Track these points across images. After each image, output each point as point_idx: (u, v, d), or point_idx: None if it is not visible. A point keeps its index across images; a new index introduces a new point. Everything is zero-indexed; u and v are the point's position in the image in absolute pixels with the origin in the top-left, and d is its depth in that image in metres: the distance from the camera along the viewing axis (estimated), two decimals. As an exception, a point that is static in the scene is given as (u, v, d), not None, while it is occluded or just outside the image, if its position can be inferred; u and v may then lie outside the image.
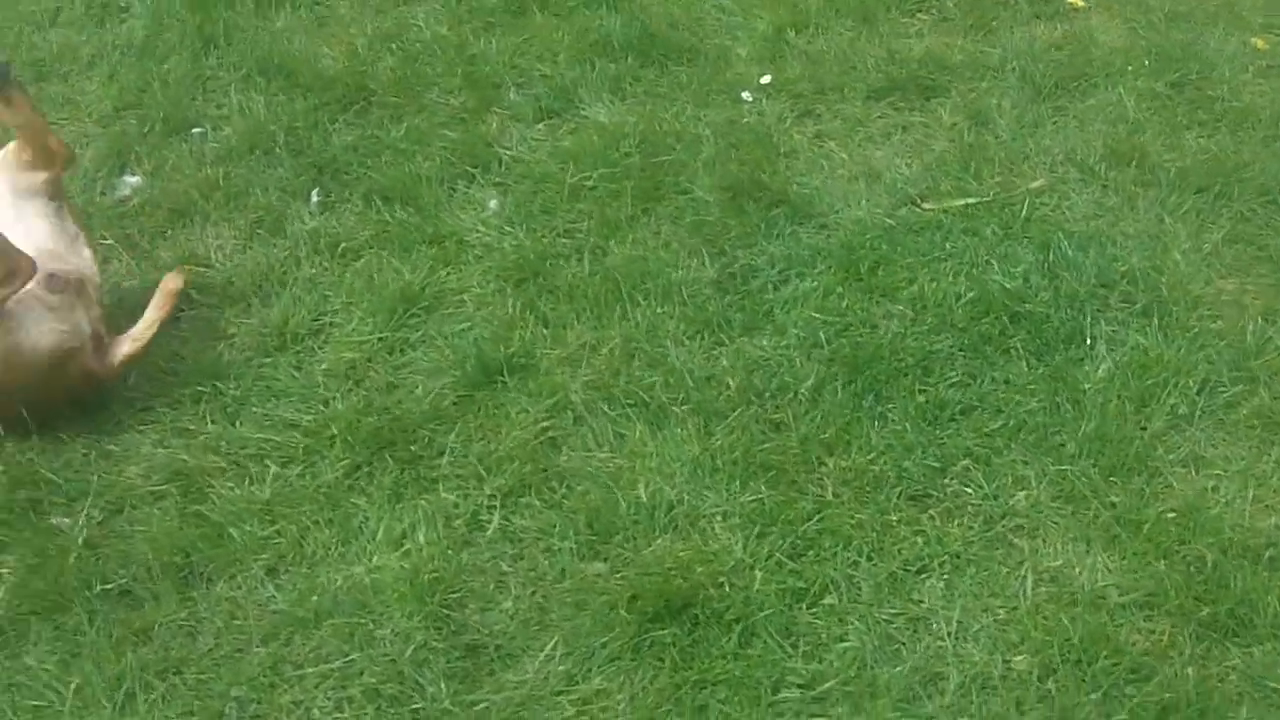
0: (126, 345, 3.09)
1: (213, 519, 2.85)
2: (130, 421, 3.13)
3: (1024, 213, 3.66)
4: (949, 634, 2.64)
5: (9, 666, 2.58)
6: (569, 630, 2.64)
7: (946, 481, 2.94)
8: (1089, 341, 3.25)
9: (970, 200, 3.73)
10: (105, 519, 2.89)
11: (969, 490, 2.92)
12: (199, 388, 3.19)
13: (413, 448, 3.02)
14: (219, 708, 2.51)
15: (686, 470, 2.95)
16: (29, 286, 2.95)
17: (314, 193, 3.81)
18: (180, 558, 2.77)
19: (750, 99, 4.18)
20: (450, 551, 2.79)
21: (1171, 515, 2.85)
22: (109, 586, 2.72)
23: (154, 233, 3.67)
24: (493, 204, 3.80)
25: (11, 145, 3.26)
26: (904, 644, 2.64)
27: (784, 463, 2.97)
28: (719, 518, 2.86)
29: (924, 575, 2.76)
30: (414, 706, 2.51)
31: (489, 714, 2.50)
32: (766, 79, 4.25)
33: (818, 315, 3.36)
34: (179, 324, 3.42)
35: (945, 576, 2.75)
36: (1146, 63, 4.21)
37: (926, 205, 3.74)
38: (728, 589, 2.71)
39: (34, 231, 3.10)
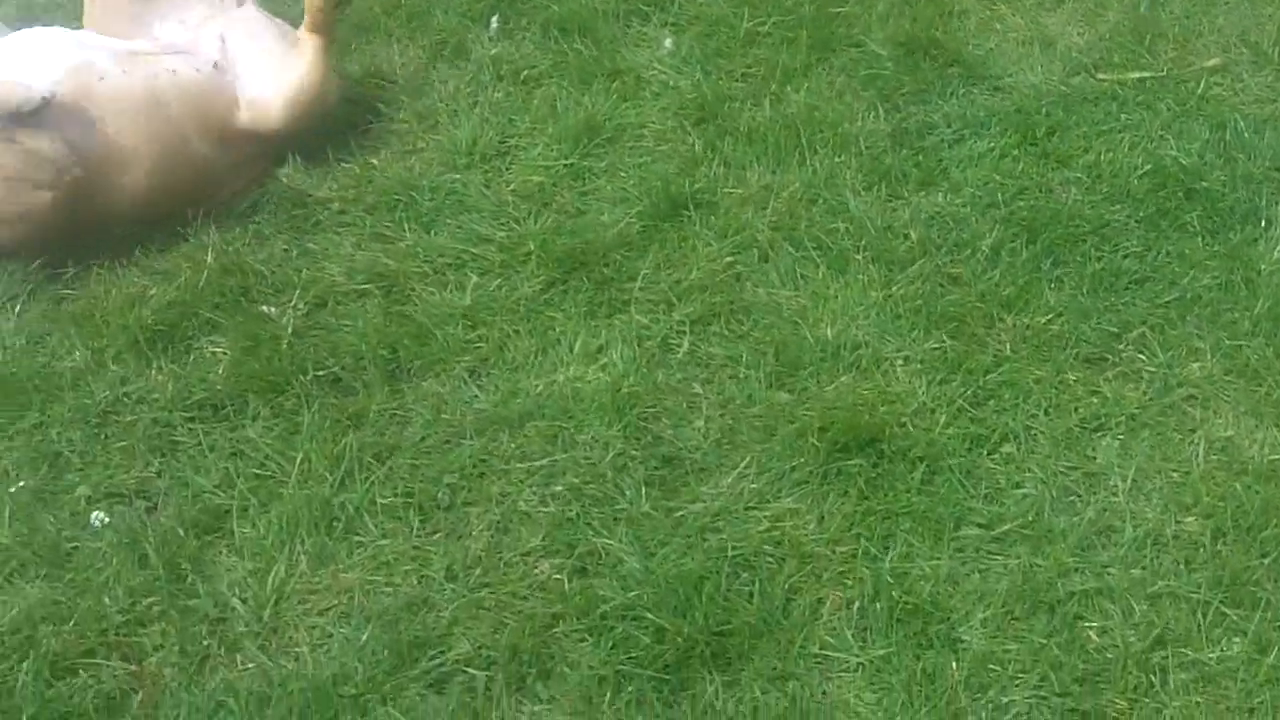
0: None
1: (416, 319, 2.97)
2: (328, 223, 3.23)
3: (1199, 90, 3.69)
4: (1123, 491, 2.74)
5: (231, 437, 2.72)
6: (760, 452, 2.75)
7: (1122, 347, 3.02)
8: (1264, 223, 3.30)
9: (1145, 74, 3.76)
10: (310, 312, 3.00)
11: (1143, 357, 3.00)
12: (394, 196, 3.29)
13: (605, 270, 3.12)
14: (433, 491, 2.64)
15: (870, 314, 3.04)
16: None
17: (493, 19, 3.88)
18: (387, 352, 2.89)
19: (924, -43, 4.18)
20: (644, 370, 2.89)
21: (1340, 397, 2.92)
22: (321, 373, 2.84)
23: (340, 45, 3.72)
24: (668, 43, 3.86)
25: None
26: (1079, 496, 2.73)
27: (964, 315, 3.05)
28: (901, 362, 2.96)
29: (1099, 434, 2.85)
30: (616, 507, 2.63)
31: (686, 521, 2.61)
32: (941, -63, 4.24)
33: (995, 176, 3.42)
34: (369, 134, 3.49)
35: (1120, 437, 2.84)
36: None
37: (1101, 75, 3.77)
38: (911, 429, 2.81)
39: None
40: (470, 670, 2.37)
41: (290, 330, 2.93)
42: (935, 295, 3.11)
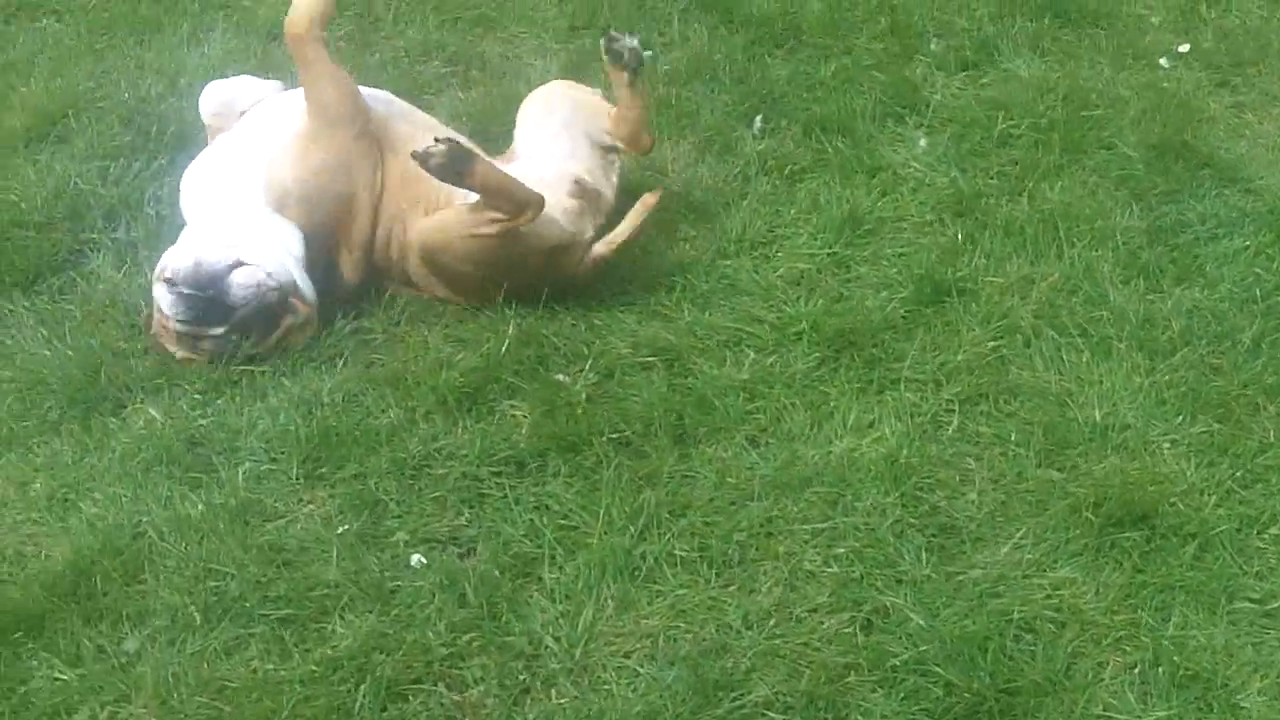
0: (601, 247, 3.44)
1: (698, 390, 3.16)
2: (611, 301, 3.46)
3: None
4: (1395, 577, 2.78)
5: (535, 491, 2.93)
6: (1034, 525, 2.87)
7: (1389, 437, 3.06)
8: None
9: (1397, 182, 3.81)
10: (599, 381, 3.22)
11: None
12: (671, 278, 3.50)
13: (873, 350, 3.28)
14: (724, 548, 2.81)
15: (1135, 399, 3.15)
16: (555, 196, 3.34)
17: (757, 119, 4.10)
18: (673, 419, 3.08)
19: (1168, 65, 4.32)
20: (917, 443, 3.03)
21: None
22: (614, 436, 3.04)
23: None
24: (922, 143, 4.03)
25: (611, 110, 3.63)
26: (1351, 579, 2.78)
27: (1228, 402, 3.14)
28: (1168, 445, 3.05)
29: (1367, 523, 2.89)
30: (898, 569, 2.77)
31: (966, 585, 2.74)
32: (1184, 48, 4.37)
33: (1252, 271, 3.51)
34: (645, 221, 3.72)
35: (1390, 527, 2.88)
36: None
37: (1353, 184, 3.83)
38: (1181, 508, 2.90)
39: (578, 150, 3.49)
40: (770, 714, 2.53)
41: (584, 396, 3.14)
42: (1199, 382, 3.20)
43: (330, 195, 3.32)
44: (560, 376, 3.19)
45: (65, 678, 2.55)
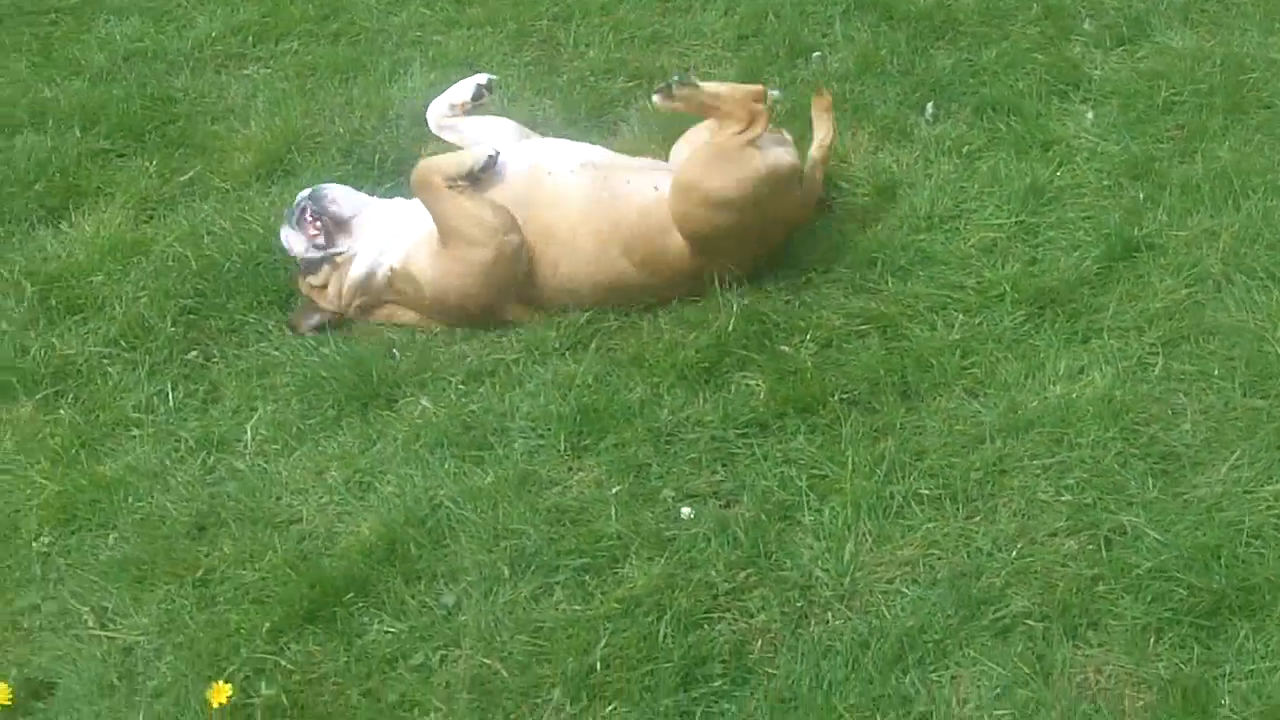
0: (816, 152, 3.78)
1: (914, 352, 3.43)
2: (816, 279, 3.74)
3: None
4: None
5: (781, 448, 3.22)
6: (1247, 448, 3.11)
7: None
8: None
9: None
10: (819, 350, 3.50)
11: None
12: (871, 255, 3.77)
13: (1073, 305, 3.52)
14: (963, 485, 3.08)
15: (1330, 328, 3.35)
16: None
17: (928, 105, 4.36)
18: (895, 378, 3.36)
19: (1315, 27, 4.51)
20: (1128, 384, 3.28)
21: None
22: (844, 396, 3.32)
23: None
24: (1090, 115, 4.27)
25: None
26: None
27: None
28: (1366, 367, 3.26)
29: None
30: (1127, 493, 3.02)
31: (1192, 503, 2.99)
32: (1330, 8, 4.56)
33: None
34: (835, 207, 4.01)
35: None
36: None
37: None
38: (1383, 422, 3.11)
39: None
40: (1030, 622, 2.79)
41: (809, 364, 3.41)
42: (1388, 312, 3.40)
43: (460, 294, 3.64)
44: (784, 348, 3.47)
45: (395, 630, 2.88)
